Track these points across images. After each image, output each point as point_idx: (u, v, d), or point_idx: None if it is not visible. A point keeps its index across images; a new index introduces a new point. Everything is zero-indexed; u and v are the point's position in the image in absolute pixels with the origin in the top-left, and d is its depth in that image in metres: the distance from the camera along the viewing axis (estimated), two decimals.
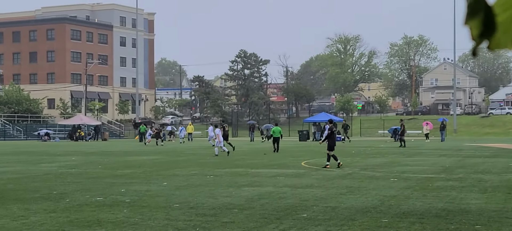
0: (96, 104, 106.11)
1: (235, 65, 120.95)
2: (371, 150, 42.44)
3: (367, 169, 24.45)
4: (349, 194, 15.58)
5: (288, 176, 21.23)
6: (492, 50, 2.04)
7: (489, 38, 2.01)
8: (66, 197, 15.09)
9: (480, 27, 1.99)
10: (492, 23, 1.98)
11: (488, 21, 1.98)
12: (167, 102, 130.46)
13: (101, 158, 34.05)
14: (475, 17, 1.99)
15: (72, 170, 24.74)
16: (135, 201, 14.35)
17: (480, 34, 2.00)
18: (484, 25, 1.98)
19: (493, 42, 2.01)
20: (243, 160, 31.36)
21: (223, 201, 14.26)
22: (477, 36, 2.00)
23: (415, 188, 16.93)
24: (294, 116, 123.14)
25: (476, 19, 1.99)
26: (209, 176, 21.11)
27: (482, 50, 2.09)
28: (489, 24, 1.98)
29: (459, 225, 10.79)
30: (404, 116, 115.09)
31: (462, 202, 13.86)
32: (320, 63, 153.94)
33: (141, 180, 19.80)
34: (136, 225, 10.93)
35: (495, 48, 2.03)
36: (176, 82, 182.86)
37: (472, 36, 2.01)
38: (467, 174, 21.56)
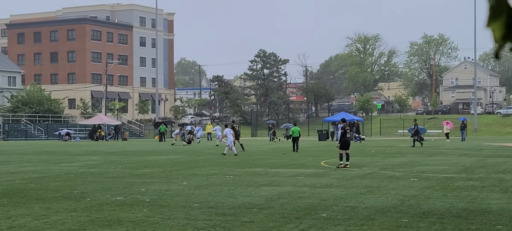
0: (116, 104, 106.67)
1: (254, 65, 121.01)
2: (390, 150, 42.26)
3: (386, 168, 24.36)
4: (368, 193, 15.53)
5: (308, 175, 21.21)
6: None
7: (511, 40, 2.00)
8: (87, 197, 15.20)
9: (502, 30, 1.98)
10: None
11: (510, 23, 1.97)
12: (187, 102, 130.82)
13: (121, 157, 34.23)
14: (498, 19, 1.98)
15: (93, 169, 24.90)
16: (155, 200, 14.41)
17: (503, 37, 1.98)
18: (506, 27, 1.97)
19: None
20: (263, 159, 31.37)
21: (243, 200, 14.28)
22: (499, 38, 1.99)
23: (435, 187, 16.84)
24: (313, 116, 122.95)
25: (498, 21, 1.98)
26: (229, 176, 21.14)
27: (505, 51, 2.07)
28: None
29: (480, 225, 10.72)
30: (424, 116, 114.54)
31: (483, 202, 13.77)
32: (339, 63, 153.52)
33: (161, 180, 19.87)
34: (156, 225, 10.98)
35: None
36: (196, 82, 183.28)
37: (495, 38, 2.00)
38: (488, 173, 21.40)
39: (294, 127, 42.50)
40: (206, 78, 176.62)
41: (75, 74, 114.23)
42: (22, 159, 32.60)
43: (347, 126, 26.23)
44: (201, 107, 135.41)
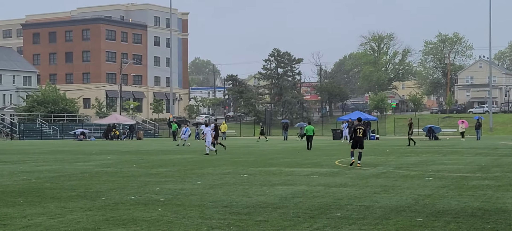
0: (131, 104, 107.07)
1: (268, 64, 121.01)
2: (405, 149, 42.10)
3: (401, 167, 24.29)
4: (383, 193, 15.49)
5: (322, 174, 21.19)
6: None
7: None
8: (102, 196, 15.27)
9: None
10: None
11: None
12: (201, 102, 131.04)
13: (136, 156, 34.34)
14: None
15: (108, 168, 24.99)
16: (169, 199, 14.45)
17: None
18: None
19: None
20: (277, 158, 31.36)
21: (257, 199, 14.29)
22: None
23: (450, 187, 16.77)
24: (327, 115, 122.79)
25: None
26: (243, 175, 21.16)
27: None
28: None
29: (495, 225, 10.66)
30: (439, 115, 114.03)
31: (498, 201, 13.69)
32: (353, 62, 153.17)
33: (175, 179, 19.92)
34: (171, 224, 11.01)
35: None
36: (210, 81, 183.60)
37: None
38: (503, 173, 21.27)
39: (309, 126, 43.24)
40: (220, 78, 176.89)
41: (90, 74, 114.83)
42: (37, 158, 32.79)
43: (357, 124, 26.31)
44: (216, 107, 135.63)
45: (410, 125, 49.44)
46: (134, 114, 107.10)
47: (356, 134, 25.66)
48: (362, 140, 25.75)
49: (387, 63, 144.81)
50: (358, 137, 25.58)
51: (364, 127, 26.70)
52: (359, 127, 26.02)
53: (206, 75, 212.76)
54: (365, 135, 25.94)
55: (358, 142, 25.39)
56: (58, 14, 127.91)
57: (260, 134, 69.88)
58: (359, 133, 25.67)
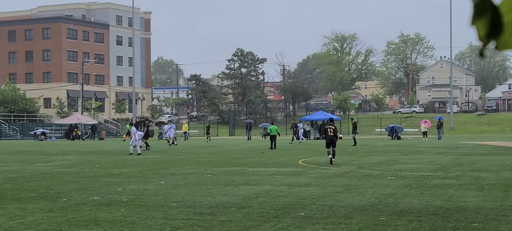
0: (93, 104, 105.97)
1: (232, 64, 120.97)
2: (368, 148, 42.45)
3: (364, 167, 24.47)
4: (346, 192, 15.57)
5: (286, 174, 21.23)
6: (500, 50, 2.02)
7: (496, 39, 1.98)
8: (63, 196, 15.06)
9: (487, 27, 1.96)
10: (499, 23, 1.95)
11: (495, 21, 1.95)
12: (164, 101, 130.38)
13: (98, 157, 34.00)
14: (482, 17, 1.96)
15: (69, 169, 24.69)
16: (132, 200, 14.33)
17: (487, 35, 1.97)
18: (491, 25, 1.96)
19: (501, 43, 1.99)
20: (241, 158, 31.34)
21: (221, 199, 14.24)
22: (484, 36, 1.98)
23: (412, 186, 16.93)
24: (291, 115, 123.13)
25: (482, 19, 1.96)
26: (206, 175, 21.09)
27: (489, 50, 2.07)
28: (496, 24, 1.96)
29: (456, 223, 10.79)
30: (401, 114, 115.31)
31: (459, 200, 13.87)
32: (317, 62, 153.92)
33: (138, 179, 19.77)
34: (134, 224, 10.91)
35: (503, 48, 2.01)
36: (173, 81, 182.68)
37: (479, 36, 1.98)
38: (464, 172, 21.57)
39: (272, 126, 44.00)
40: (184, 77, 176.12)
41: (50, 73, 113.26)
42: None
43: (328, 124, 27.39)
44: (179, 107, 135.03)
45: (354, 124, 50.90)
46: (96, 114, 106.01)
47: (327, 133, 26.49)
48: (334, 139, 26.47)
49: (350, 63, 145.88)
50: (330, 136, 26.37)
51: (334, 126, 27.49)
52: (330, 126, 26.96)
53: (169, 75, 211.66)
54: (336, 135, 26.67)
55: (331, 141, 26.16)
56: (18, 13, 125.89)
57: (206, 133, 69.31)
58: (330, 132, 26.48)
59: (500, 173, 20.77)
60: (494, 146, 44.26)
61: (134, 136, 36.01)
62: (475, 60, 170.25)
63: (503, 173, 20.97)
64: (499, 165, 24.50)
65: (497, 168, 22.96)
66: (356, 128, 49.88)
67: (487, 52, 2.04)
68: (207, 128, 70.54)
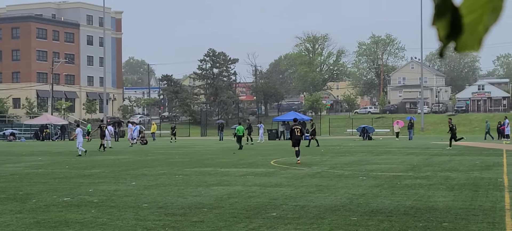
0: (63, 104, 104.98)
1: (203, 64, 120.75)
2: (339, 149, 42.65)
3: (336, 167, 24.57)
4: (318, 192, 15.61)
5: (258, 175, 21.23)
6: (459, 52, 2.04)
7: (455, 40, 2.00)
8: (33, 198, 14.89)
9: (447, 28, 1.98)
10: (458, 24, 1.98)
11: (454, 23, 1.97)
12: (136, 102, 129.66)
13: (68, 158, 33.68)
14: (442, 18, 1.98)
15: (39, 170, 24.42)
16: (103, 201, 14.21)
17: (447, 35, 1.99)
18: (451, 27, 1.98)
19: (460, 44, 2.01)
20: (212, 159, 31.29)
21: (193, 200, 14.19)
22: (444, 37, 2.00)
23: (383, 186, 17.04)
24: (263, 115, 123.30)
25: (443, 20, 1.98)
26: (178, 176, 21.01)
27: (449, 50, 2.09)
28: (456, 25, 1.98)
29: (427, 223, 10.87)
30: (372, 115, 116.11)
31: (429, 200, 13.98)
32: (288, 62, 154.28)
33: (109, 180, 19.62)
34: (105, 225, 10.81)
35: (462, 50, 2.03)
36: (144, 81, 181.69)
37: (439, 37, 2.00)
38: (434, 172, 21.77)
39: (239, 126, 45.30)
40: (155, 78, 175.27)
41: (20, 73, 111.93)
42: None
43: (294, 124, 27.94)
44: (150, 107, 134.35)
45: (313, 125, 51.61)
46: (67, 114, 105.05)
47: (294, 133, 27.20)
48: (301, 139, 27.43)
49: (321, 64, 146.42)
50: (297, 136, 27.15)
51: (301, 126, 28.20)
52: (296, 126, 27.50)
53: (140, 75, 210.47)
54: (303, 134, 27.58)
55: (298, 141, 27.07)
56: None
57: (171, 134, 68.63)
58: (297, 132, 27.17)
59: (469, 173, 21.00)
60: (464, 146, 44.75)
61: (78, 136, 35.67)
62: (445, 61, 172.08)
63: (473, 173, 21.21)
64: (468, 165, 24.78)
65: (466, 168, 23.22)
66: (315, 133, 49.78)
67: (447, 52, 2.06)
68: (172, 128, 69.80)
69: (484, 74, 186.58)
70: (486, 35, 2.01)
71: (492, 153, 34.56)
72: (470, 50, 2.03)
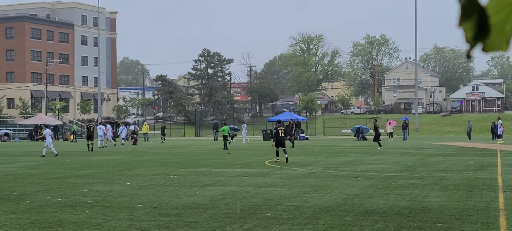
0: (57, 104, 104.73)
1: (198, 64, 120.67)
2: (334, 149, 42.67)
3: (330, 167, 24.58)
4: (313, 193, 15.61)
5: (252, 175, 21.22)
6: (487, 52, 2.02)
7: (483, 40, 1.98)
8: (27, 198, 14.85)
9: (474, 29, 1.96)
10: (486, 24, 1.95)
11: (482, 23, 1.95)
12: (130, 102, 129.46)
13: (63, 158, 33.60)
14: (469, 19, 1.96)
15: (33, 170, 24.36)
16: (97, 201, 14.18)
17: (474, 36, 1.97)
18: (478, 27, 1.96)
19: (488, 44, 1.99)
20: (207, 159, 31.27)
21: (187, 200, 14.18)
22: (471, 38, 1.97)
23: (378, 186, 17.05)
24: (258, 115, 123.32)
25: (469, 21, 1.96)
26: (173, 176, 20.99)
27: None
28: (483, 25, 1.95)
29: (421, 223, 10.88)
30: (367, 115, 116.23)
31: (424, 200, 14.00)
32: (283, 63, 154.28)
33: (104, 180, 19.58)
34: (99, 226, 10.79)
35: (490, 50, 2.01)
36: (139, 81, 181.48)
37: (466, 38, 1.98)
38: (428, 172, 21.79)
39: (225, 126, 46.18)
40: (150, 78, 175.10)
41: (14, 73, 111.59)
42: None
43: (278, 126, 29.05)
44: (145, 107, 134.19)
45: (291, 126, 51.83)
46: (61, 114, 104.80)
47: (278, 135, 28.34)
48: (284, 139, 28.75)
49: (316, 64, 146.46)
50: (280, 137, 28.31)
51: (284, 127, 29.42)
52: (280, 127, 28.67)
53: (135, 75, 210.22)
54: (287, 134, 28.81)
55: (281, 141, 28.19)
56: None
57: (161, 133, 68.32)
58: (281, 133, 28.35)
59: (464, 173, 21.04)
60: (458, 147, 44.85)
61: (47, 137, 35.54)
62: (440, 61, 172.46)
63: (467, 173, 21.25)
64: (463, 166, 24.82)
65: (461, 168, 23.26)
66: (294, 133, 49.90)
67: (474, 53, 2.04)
68: (162, 128, 69.54)
69: (479, 74, 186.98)
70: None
71: (486, 153, 34.64)
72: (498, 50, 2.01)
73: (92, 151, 41.78)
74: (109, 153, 39.90)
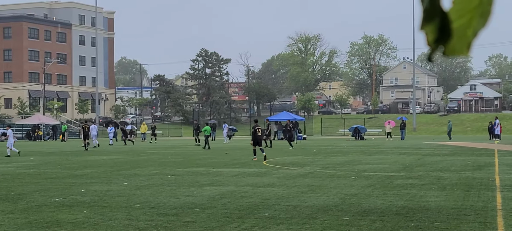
0: (55, 104, 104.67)
1: (196, 64, 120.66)
2: (332, 149, 42.69)
3: (328, 167, 24.59)
4: (310, 192, 15.62)
5: (250, 175, 21.22)
6: (447, 56, 2.05)
7: (444, 44, 2.01)
8: (25, 198, 14.84)
9: (435, 33, 1.99)
10: (447, 29, 1.98)
11: (443, 27, 1.98)
12: (128, 102, 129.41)
13: (60, 158, 33.58)
14: (431, 23, 1.99)
15: (31, 170, 24.35)
16: (95, 201, 14.18)
17: (436, 40, 2.00)
18: (439, 31, 1.98)
19: (449, 48, 2.02)
20: (205, 159, 31.27)
21: (185, 200, 14.18)
22: (432, 41, 2.00)
23: (375, 186, 17.06)
24: (255, 115, 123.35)
25: (432, 24, 1.99)
26: (171, 176, 20.98)
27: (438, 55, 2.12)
28: (445, 30, 1.98)
29: (419, 223, 10.89)
30: (365, 115, 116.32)
31: (421, 200, 14.01)
32: (281, 62, 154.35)
33: (102, 180, 19.58)
34: (97, 226, 10.79)
35: (451, 54, 2.04)
36: (137, 81, 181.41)
37: (428, 41, 2.01)
38: (426, 172, 21.81)
39: (207, 126, 47.00)
40: (148, 78, 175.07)
41: (11, 73, 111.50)
42: None
43: (256, 125, 30.65)
44: (142, 107, 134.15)
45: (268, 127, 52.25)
46: (59, 114, 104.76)
47: (257, 133, 29.95)
48: (261, 138, 30.86)
49: (314, 64, 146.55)
50: (259, 136, 30.06)
51: (262, 126, 31.78)
52: (258, 127, 30.34)
53: (132, 75, 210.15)
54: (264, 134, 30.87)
55: (259, 140, 29.88)
56: None
57: (152, 134, 67.53)
58: (258, 132, 30.06)
59: (461, 173, 21.06)
60: (456, 146, 44.89)
61: (10, 138, 35.61)
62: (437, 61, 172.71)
63: (464, 173, 21.27)
64: (460, 165, 24.85)
65: (458, 168, 23.28)
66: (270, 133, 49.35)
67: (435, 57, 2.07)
68: (152, 128, 68.66)
69: (476, 74, 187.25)
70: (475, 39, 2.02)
71: (484, 153, 34.69)
72: (459, 55, 2.04)
73: (88, 151, 41.79)
74: (107, 152, 39.90)
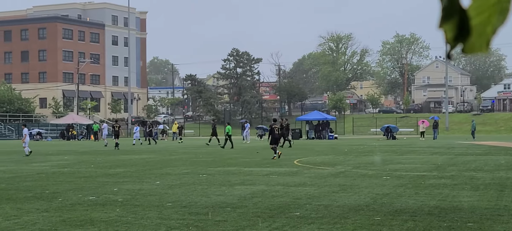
0: (88, 104, 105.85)
1: (227, 64, 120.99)
2: (363, 148, 42.48)
3: (359, 167, 24.48)
4: (341, 192, 15.58)
5: (281, 174, 21.22)
6: (467, 54, 2.05)
7: (463, 42, 2.01)
8: (59, 196, 15.04)
9: (454, 31, 1.99)
10: (466, 26, 1.99)
11: (462, 25, 1.99)
12: (160, 101, 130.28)
13: (94, 157, 33.95)
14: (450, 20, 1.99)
15: (65, 169, 24.65)
16: (127, 200, 14.31)
17: (455, 38, 2.00)
18: (458, 29, 1.99)
19: (468, 46, 2.02)
20: (236, 158, 31.33)
21: (216, 199, 14.24)
22: (451, 39, 2.01)
23: (407, 186, 16.95)
24: (286, 114, 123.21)
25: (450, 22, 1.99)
26: (202, 175, 21.07)
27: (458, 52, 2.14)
28: (464, 27, 1.99)
29: (451, 223, 10.81)
30: (396, 114, 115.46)
31: (454, 200, 13.89)
32: (312, 62, 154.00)
33: (134, 179, 19.75)
34: (129, 224, 10.90)
35: (470, 51, 2.04)
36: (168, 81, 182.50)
37: (447, 39, 2.02)
38: (459, 171, 21.60)
39: (228, 126, 47.67)
40: (179, 77, 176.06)
41: (46, 73, 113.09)
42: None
43: (273, 124, 31.10)
44: (174, 107, 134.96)
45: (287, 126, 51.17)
46: (92, 114, 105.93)
47: (274, 132, 30.22)
48: (279, 137, 31.29)
49: (345, 63, 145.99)
50: (277, 135, 30.50)
51: (279, 125, 31.56)
52: (275, 126, 30.65)
53: (164, 75, 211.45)
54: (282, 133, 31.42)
55: (277, 139, 30.39)
56: (13, 13, 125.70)
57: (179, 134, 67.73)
58: (276, 131, 30.39)
59: (495, 173, 20.82)
60: (489, 146, 44.34)
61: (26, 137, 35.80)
62: (470, 60, 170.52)
63: (498, 172, 21.02)
64: (493, 165, 24.56)
65: (492, 168, 23.01)
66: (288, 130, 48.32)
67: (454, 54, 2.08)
68: (179, 128, 68.92)
69: (511, 73, 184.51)
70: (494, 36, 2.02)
71: None
72: (478, 52, 2.04)
73: (119, 149, 42.20)
74: (139, 152, 40.22)
